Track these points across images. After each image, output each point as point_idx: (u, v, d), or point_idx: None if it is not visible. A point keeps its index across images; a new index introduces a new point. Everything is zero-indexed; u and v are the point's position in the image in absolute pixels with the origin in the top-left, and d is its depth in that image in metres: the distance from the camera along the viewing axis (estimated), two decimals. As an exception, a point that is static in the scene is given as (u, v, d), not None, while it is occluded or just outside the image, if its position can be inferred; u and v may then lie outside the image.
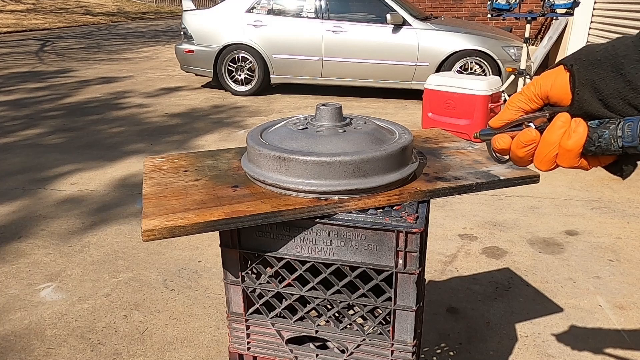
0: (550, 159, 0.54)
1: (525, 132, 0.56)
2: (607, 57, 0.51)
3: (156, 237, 0.79)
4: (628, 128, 0.48)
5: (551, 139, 0.53)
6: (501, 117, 0.59)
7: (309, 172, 0.86)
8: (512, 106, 0.58)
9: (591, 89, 0.51)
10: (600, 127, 0.50)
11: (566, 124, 0.52)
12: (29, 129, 4.78)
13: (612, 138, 0.49)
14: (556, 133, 0.53)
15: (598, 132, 0.50)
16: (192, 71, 6.59)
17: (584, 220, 2.89)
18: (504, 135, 0.58)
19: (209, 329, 1.98)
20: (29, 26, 14.96)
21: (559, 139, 0.53)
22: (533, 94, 0.56)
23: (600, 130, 0.50)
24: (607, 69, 0.50)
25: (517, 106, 0.57)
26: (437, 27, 5.87)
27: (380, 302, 0.91)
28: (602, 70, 0.51)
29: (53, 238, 2.69)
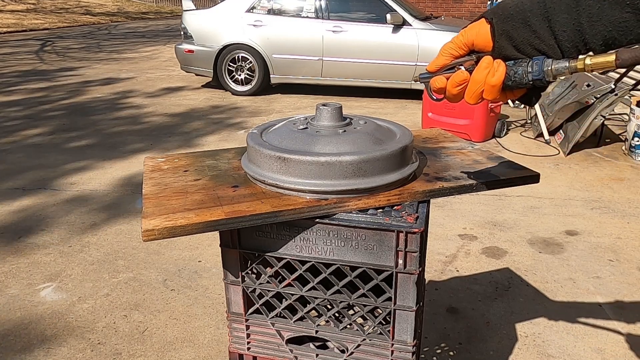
0: (478, 94, 0.67)
1: (457, 74, 0.68)
2: (517, 12, 0.63)
3: (156, 237, 0.79)
4: (535, 65, 0.62)
5: (478, 77, 0.66)
6: (436, 62, 0.71)
7: (309, 172, 0.86)
8: (444, 53, 0.70)
9: (507, 37, 0.64)
10: (515, 65, 0.64)
11: (490, 64, 0.65)
12: (29, 129, 4.78)
13: (524, 73, 0.63)
14: (482, 73, 0.66)
15: (514, 69, 0.64)
16: (192, 71, 6.59)
17: (584, 220, 2.89)
18: (440, 77, 0.70)
19: (209, 329, 1.98)
20: (29, 26, 14.96)
21: (485, 77, 0.65)
22: (462, 42, 0.68)
23: (515, 68, 0.64)
24: (518, 21, 0.63)
25: (449, 53, 0.70)
26: (437, 27, 5.86)
27: (380, 302, 0.91)
28: (514, 22, 0.63)
29: (53, 238, 2.69)
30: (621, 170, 3.68)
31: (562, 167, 3.73)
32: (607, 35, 0.58)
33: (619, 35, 0.57)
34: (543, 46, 0.62)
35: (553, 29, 0.61)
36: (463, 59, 0.68)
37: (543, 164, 3.78)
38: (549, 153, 4.02)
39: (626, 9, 0.56)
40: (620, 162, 3.83)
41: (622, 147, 4.12)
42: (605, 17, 0.57)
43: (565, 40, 0.61)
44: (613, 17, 0.57)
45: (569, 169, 3.69)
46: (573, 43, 0.60)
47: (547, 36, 0.61)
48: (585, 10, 0.58)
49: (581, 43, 0.60)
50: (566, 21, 0.60)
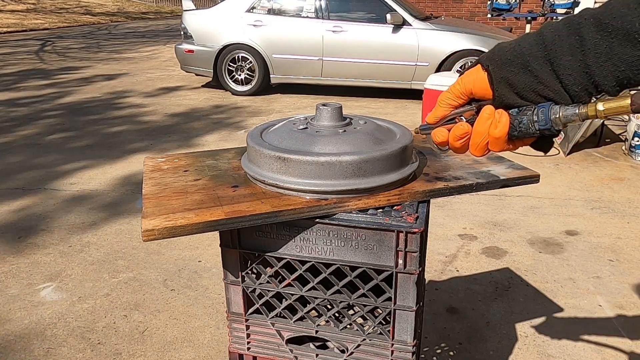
0: (482, 146, 0.62)
1: (458, 127, 0.63)
2: (515, 56, 0.58)
3: (156, 237, 0.79)
4: (541, 113, 0.57)
5: (481, 129, 0.61)
6: (435, 114, 0.66)
7: (309, 172, 0.86)
8: (442, 103, 0.65)
9: (507, 84, 0.59)
10: (520, 114, 0.58)
11: (491, 115, 0.60)
12: (29, 129, 4.79)
13: (530, 123, 0.58)
14: (484, 124, 0.61)
15: (518, 119, 0.58)
16: (192, 71, 6.59)
17: (584, 220, 2.89)
18: (441, 129, 0.65)
19: (209, 328, 1.98)
20: (29, 26, 14.96)
21: (487, 129, 0.60)
22: (459, 91, 0.63)
23: (519, 117, 0.58)
24: (517, 66, 0.58)
25: (447, 103, 0.64)
26: (437, 27, 5.86)
27: (380, 302, 0.91)
28: (513, 67, 0.58)
29: (53, 238, 2.69)
30: (621, 170, 3.68)
31: (562, 167, 3.73)
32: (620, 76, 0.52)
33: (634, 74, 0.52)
34: (548, 92, 0.57)
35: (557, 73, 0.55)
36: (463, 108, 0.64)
37: (543, 164, 3.78)
38: (549, 153, 4.01)
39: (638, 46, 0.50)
40: (620, 162, 3.83)
41: (622, 147, 4.12)
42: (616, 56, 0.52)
43: (572, 84, 0.55)
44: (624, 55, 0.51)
45: (569, 169, 3.69)
46: (582, 86, 0.55)
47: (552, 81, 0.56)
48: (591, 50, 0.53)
49: (591, 85, 0.54)
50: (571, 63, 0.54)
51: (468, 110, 0.63)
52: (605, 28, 0.52)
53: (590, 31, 0.53)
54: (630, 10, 0.50)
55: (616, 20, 0.51)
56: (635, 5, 0.50)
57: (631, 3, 0.50)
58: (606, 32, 0.52)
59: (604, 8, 0.53)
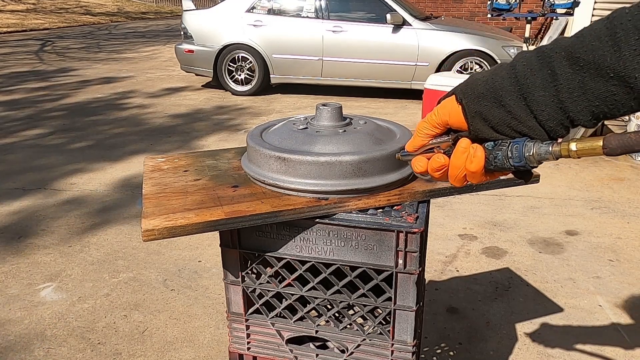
0: (460, 178, 0.61)
1: (434, 159, 0.63)
2: (488, 90, 0.56)
3: (156, 237, 0.79)
4: (515, 150, 0.55)
5: (457, 163, 0.60)
6: (413, 143, 0.65)
7: (309, 172, 0.86)
8: (420, 133, 0.64)
9: (481, 119, 0.57)
10: (495, 149, 0.57)
11: (467, 149, 0.59)
12: (29, 129, 4.79)
13: (504, 159, 0.57)
14: (460, 158, 0.60)
15: (493, 154, 0.57)
16: (192, 71, 6.59)
17: (584, 220, 2.89)
18: (420, 158, 0.65)
19: (209, 328, 1.98)
20: (29, 26, 14.96)
21: (463, 162, 0.59)
22: (435, 122, 0.62)
23: (494, 152, 0.57)
24: (490, 100, 0.56)
25: (424, 133, 0.64)
26: (437, 27, 5.86)
27: (380, 302, 0.91)
28: (486, 102, 0.56)
29: (53, 238, 2.69)
30: (621, 170, 3.68)
31: (562, 167, 3.73)
32: (595, 110, 0.51)
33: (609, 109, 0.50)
34: (522, 128, 0.55)
35: (531, 108, 0.54)
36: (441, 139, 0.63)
37: (543, 164, 3.77)
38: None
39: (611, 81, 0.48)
40: (620, 162, 3.83)
41: (622, 147, 4.11)
42: (589, 91, 0.50)
43: (547, 119, 0.53)
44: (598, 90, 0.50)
45: (568, 169, 3.69)
46: (557, 121, 0.53)
47: (526, 117, 0.54)
48: (564, 86, 0.51)
49: (566, 120, 0.53)
50: (544, 99, 0.53)
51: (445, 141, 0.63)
52: (577, 62, 0.51)
53: (562, 65, 0.52)
54: (602, 43, 0.48)
55: (587, 54, 0.49)
56: (607, 39, 0.48)
57: (602, 35, 0.48)
58: (578, 66, 0.51)
59: (575, 39, 0.51)
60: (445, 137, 0.63)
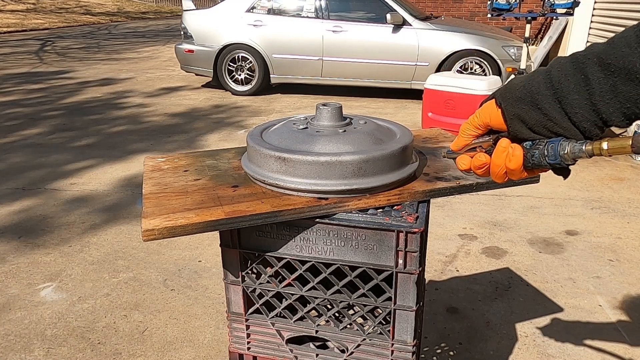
0: (501, 175, 0.66)
1: (477, 158, 0.68)
2: (525, 94, 0.61)
3: (156, 237, 0.79)
4: (551, 149, 0.60)
5: (497, 161, 0.65)
6: (457, 143, 0.71)
7: (309, 172, 0.86)
8: (463, 134, 0.70)
9: (519, 121, 0.62)
10: (532, 148, 0.62)
11: (506, 148, 0.64)
12: (29, 129, 4.79)
13: (541, 157, 0.61)
14: (500, 157, 0.65)
15: (531, 152, 0.62)
16: (192, 71, 6.59)
17: (584, 220, 2.89)
18: (464, 157, 0.71)
19: (209, 328, 1.98)
20: (29, 26, 14.96)
21: (504, 161, 0.65)
22: (477, 124, 0.68)
23: (532, 151, 0.62)
24: (528, 104, 0.60)
25: (467, 134, 0.69)
26: (437, 27, 5.86)
27: (381, 302, 0.91)
28: (524, 105, 0.61)
29: (53, 238, 2.69)
30: (621, 170, 3.68)
31: (562, 167, 3.73)
32: (627, 112, 0.55)
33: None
34: (558, 129, 0.59)
35: (566, 111, 0.58)
36: (483, 139, 0.69)
37: (543, 164, 3.78)
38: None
39: None
40: (620, 162, 3.83)
41: (622, 147, 4.11)
42: (620, 94, 0.54)
43: (581, 120, 0.57)
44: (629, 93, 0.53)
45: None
46: (591, 122, 0.57)
47: (561, 118, 0.58)
48: (596, 89, 0.55)
49: (600, 121, 0.57)
50: (578, 102, 0.57)
51: (486, 141, 0.68)
52: (608, 67, 0.54)
53: (594, 70, 0.55)
54: (632, 49, 0.52)
55: (618, 60, 0.53)
56: (636, 45, 0.51)
57: (632, 42, 0.52)
58: (609, 71, 0.54)
59: (607, 46, 0.55)
60: (486, 137, 0.69)
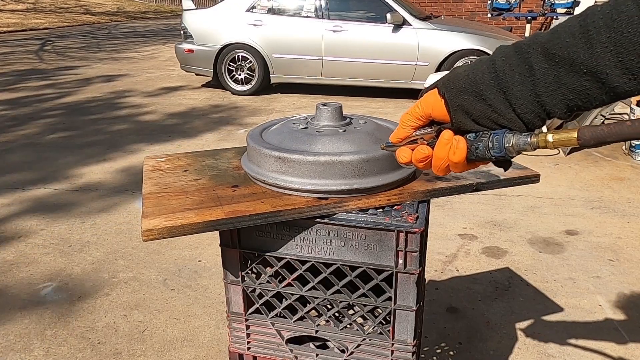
0: (443, 168, 0.64)
1: (418, 150, 0.65)
2: (469, 84, 0.59)
3: (156, 237, 0.78)
4: (496, 141, 0.58)
5: (440, 154, 0.63)
6: (397, 135, 0.67)
7: (309, 172, 0.86)
8: (404, 125, 0.66)
9: (463, 112, 0.60)
10: (476, 140, 0.60)
11: (449, 140, 0.62)
12: (28, 128, 4.78)
13: (485, 149, 0.59)
14: (443, 149, 0.62)
15: (475, 145, 0.60)
16: (192, 70, 6.59)
17: (584, 219, 2.89)
18: (404, 149, 0.67)
19: (209, 328, 1.98)
20: (29, 25, 14.96)
21: (446, 154, 0.62)
22: (419, 114, 0.65)
23: (476, 143, 0.60)
24: (472, 94, 0.59)
25: (408, 125, 0.66)
26: (437, 27, 5.86)
27: (381, 302, 0.91)
28: (468, 96, 0.59)
29: (53, 237, 2.69)
30: (621, 169, 3.68)
31: (562, 166, 3.73)
32: (570, 103, 0.54)
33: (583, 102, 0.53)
34: (502, 120, 0.58)
35: (510, 102, 0.57)
36: (424, 130, 0.65)
37: (543, 164, 3.78)
38: (548, 153, 4.02)
39: (584, 77, 0.51)
40: (620, 162, 3.83)
41: (622, 146, 4.12)
42: (564, 86, 0.53)
43: (524, 112, 0.56)
44: (572, 85, 0.52)
45: (569, 169, 3.69)
46: (534, 114, 0.56)
47: (505, 110, 0.57)
48: (540, 80, 0.54)
49: (543, 112, 0.56)
50: (522, 93, 0.56)
51: (428, 133, 0.65)
52: (552, 58, 0.53)
53: (538, 60, 0.54)
54: (576, 40, 0.51)
55: (562, 51, 0.52)
56: (580, 35, 0.50)
57: (576, 32, 0.51)
58: (553, 61, 0.53)
59: (551, 35, 0.54)
60: (428, 129, 0.65)
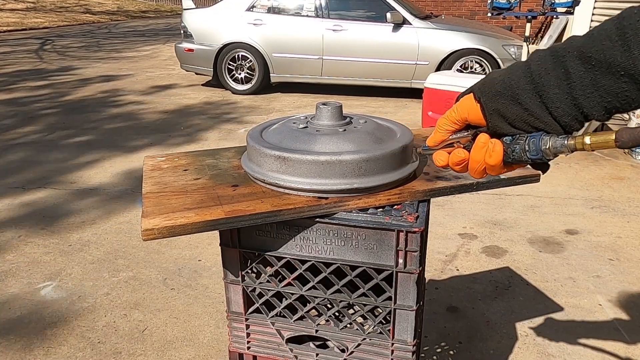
0: (480, 171, 0.65)
1: (455, 154, 0.66)
2: (505, 89, 0.59)
3: (156, 237, 0.78)
4: (532, 144, 0.58)
5: (476, 157, 0.63)
6: (434, 138, 0.68)
7: (309, 171, 0.86)
8: (440, 129, 0.67)
9: (499, 116, 0.60)
10: (513, 143, 0.60)
11: (486, 144, 0.62)
12: (28, 127, 4.78)
13: (522, 152, 0.60)
14: (479, 152, 0.63)
15: (511, 148, 0.60)
16: (192, 70, 6.59)
17: (584, 219, 2.89)
18: (441, 153, 0.68)
19: (209, 328, 1.98)
20: (29, 25, 14.95)
21: (483, 157, 0.63)
22: (455, 118, 0.65)
23: (512, 146, 0.60)
24: (507, 98, 0.59)
25: (444, 129, 0.67)
26: (437, 26, 5.86)
27: (381, 302, 0.91)
28: (504, 100, 0.59)
29: (53, 237, 2.69)
30: (621, 169, 3.68)
31: (562, 166, 3.73)
32: (608, 106, 0.53)
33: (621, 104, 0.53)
34: (539, 124, 0.58)
35: (547, 105, 0.57)
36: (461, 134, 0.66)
37: (543, 163, 3.77)
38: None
39: (622, 79, 0.51)
40: (621, 161, 3.83)
41: (622, 146, 4.11)
42: (602, 88, 0.52)
43: (561, 115, 0.56)
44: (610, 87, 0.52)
45: (569, 168, 3.69)
46: (571, 117, 0.56)
47: (542, 113, 0.57)
48: (577, 83, 0.54)
49: (580, 115, 0.56)
50: (558, 96, 0.56)
51: (465, 136, 0.66)
52: (588, 61, 0.53)
53: (574, 64, 0.54)
54: (612, 42, 0.50)
55: (598, 54, 0.51)
56: (616, 38, 0.50)
57: (612, 35, 0.50)
58: (590, 64, 0.53)
59: (587, 39, 0.53)
60: (464, 133, 0.66)
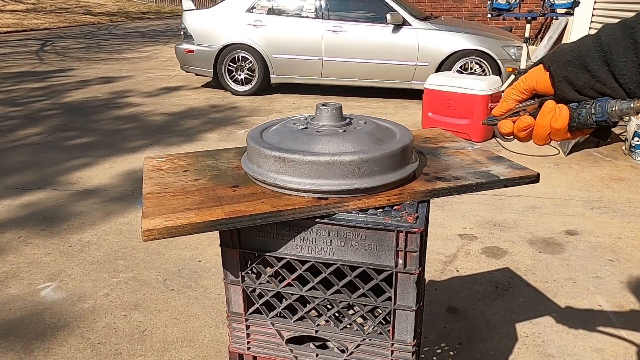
0: (544, 137, 0.70)
1: (521, 119, 0.71)
2: (575, 57, 0.64)
3: (156, 237, 0.78)
4: (599, 107, 0.63)
5: (543, 122, 0.68)
6: (501, 107, 0.74)
7: (309, 172, 0.86)
8: (508, 98, 0.73)
9: (567, 83, 0.66)
10: (579, 107, 0.65)
11: (552, 109, 0.67)
12: (29, 129, 4.78)
13: (588, 115, 0.64)
14: (546, 117, 0.68)
15: (577, 112, 0.65)
16: (192, 71, 6.59)
17: (584, 220, 2.89)
18: (506, 122, 0.73)
19: (209, 328, 1.98)
20: (29, 26, 14.96)
21: (549, 122, 0.68)
22: (523, 88, 0.71)
23: (578, 110, 0.65)
24: (577, 66, 0.64)
25: (511, 98, 0.72)
26: (437, 27, 5.86)
27: (380, 302, 0.91)
28: (573, 68, 0.65)
29: (53, 238, 2.69)
30: (621, 170, 3.68)
31: (562, 166, 3.73)
32: None
33: None
34: (606, 89, 0.63)
35: (614, 73, 0.61)
36: (526, 103, 0.71)
37: (543, 164, 3.78)
38: (549, 153, 4.02)
39: None
40: (620, 162, 3.83)
41: (622, 147, 4.12)
42: None
43: (627, 82, 0.61)
44: None
45: (568, 169, 3.69)
46: (636, 83, 0.61)
47: (609, 80, 0.62)
48: None
49: None
50: (625, 64, 0.60)
51: (531, 104, 0.71)
52: None
53: None
54: None
55: None
56: None
57: None
58: None
59: None
60: (530, 101, 0.71)
